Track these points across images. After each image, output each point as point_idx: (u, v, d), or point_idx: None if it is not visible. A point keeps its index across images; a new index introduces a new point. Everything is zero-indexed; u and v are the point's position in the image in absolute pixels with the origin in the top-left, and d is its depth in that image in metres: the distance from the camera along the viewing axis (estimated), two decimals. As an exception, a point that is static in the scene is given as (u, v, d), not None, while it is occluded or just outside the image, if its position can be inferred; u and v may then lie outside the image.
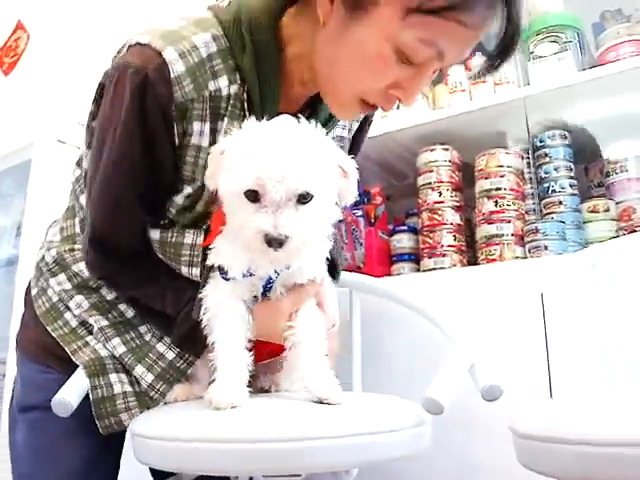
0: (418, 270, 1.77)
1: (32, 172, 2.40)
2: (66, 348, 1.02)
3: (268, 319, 0.92)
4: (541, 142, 1.71)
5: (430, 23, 0.78)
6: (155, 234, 0.94)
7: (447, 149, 1.78)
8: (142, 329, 1.03)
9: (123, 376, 1.01)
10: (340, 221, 1.81)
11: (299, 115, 0.84)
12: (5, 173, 2.48)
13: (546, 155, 1.69)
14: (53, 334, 1.04)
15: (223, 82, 0.89)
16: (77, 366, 1.01)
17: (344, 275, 1.27)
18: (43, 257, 1.10)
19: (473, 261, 1.72)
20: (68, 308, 1.05)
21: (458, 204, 1.74)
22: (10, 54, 2.56)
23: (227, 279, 0.88)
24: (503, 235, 1.61)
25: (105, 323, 1.02)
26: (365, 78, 0.85)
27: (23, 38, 2.54)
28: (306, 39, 0.89)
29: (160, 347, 1.01)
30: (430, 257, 1.71)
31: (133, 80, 0.84)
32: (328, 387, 0.87)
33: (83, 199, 1.02)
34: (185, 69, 0.84)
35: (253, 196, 0.78)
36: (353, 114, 0.96)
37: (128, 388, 1.00)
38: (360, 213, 1.82)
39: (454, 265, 1.68)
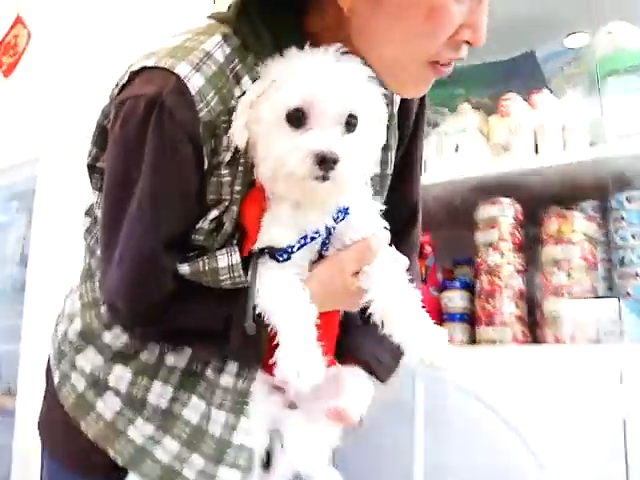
0: (473, 337, 1.63)
1: (38, 189, 2.22)
2: (109, 451, 0.85)
3: (330, 279, 0.80)
4: (618, 202, 1.55)
5: None
6: (184, 269, 0.80)
7: (510, 203, 1.61)
8: (208, 373, 0.86)
9: (196, 461, 0.84)
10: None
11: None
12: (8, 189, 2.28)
13: (622, 218, 1.53)
14: (87, 433, 0.87)
15: (247, 84, 0.77)
16: (121, 469, 0.84)
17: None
18: (65, 333, 0.93)
19: (533, 331, 1.58)
20: (103, 390, 0.88)
21: (521, 267, 1.59)
22: (9, 52, 2.30)
23: (283, 257, 0.76)
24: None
25: (170, 390, 0.85)
26: (431, 38, 0.76)
27: (23, 35, 2.28)
28: (336, 32, 0.79)
29: (223, 380, 0.85)
30: (489, 325, 1.57)
31: (149, 111, 0.73)
32: (433, 348, 0.72)
33: (99, 251, 0.87)
34: (205, 80, 0.74)
35: (297, 119, 0.71)
36: (429, 84, 0.84)
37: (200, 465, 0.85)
38: (411, 270, 1.65)
39: (515, 337, 1.54)
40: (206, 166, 0.77)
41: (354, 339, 0.92)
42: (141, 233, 0.78)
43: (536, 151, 1.60)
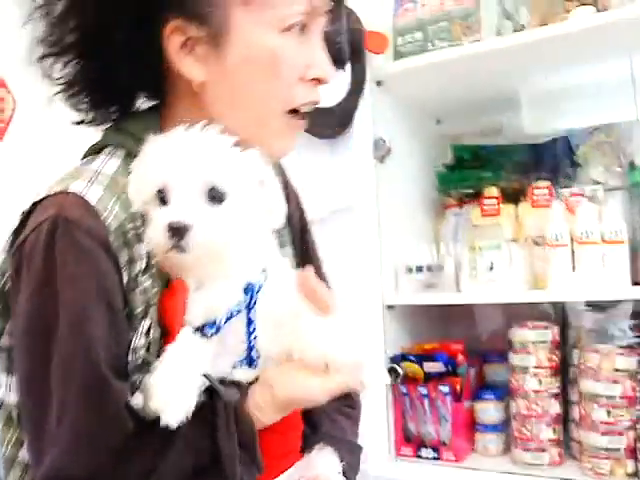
0: (507, 445, 1.66)
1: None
2: None
3: (289, 384, 0.74)
4: (657, 331, 1.53)
5: None
6: (137, 400, 0.72)
7: (547, 327, 1.58)
8: None
9: None
10: (423, 395, 1.66)
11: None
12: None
13: (662, 349, 1.52)
14: None
15: None
16: None
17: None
18: None
19: (567, 447, 1.61)
20: None
21: (558, 390, 1.59)
22: (-5, 116, 2.12)
23: (211, 330, 0.73)
24: (615, 449, 1.48)
25: None
26: (279, 85, 0.79)
27: (8, 100, 2.09)
28: (195, 113, 0.80)
29: None
30: (525, 450, 1.59)
31: (52, 231, 0.69)
32: (331, 351, 0.71)
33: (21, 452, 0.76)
34: (103, 190, 0.74)
35: (162, 200, 0.73)
36: (294, 136, 0.86)
37: None
38: (447, 390, 1.65)
39: (553, 459, 1.57)
40: (126, 279, 0.73)
41: (310, 443, 0.87)
42: (81, 364, 0.68)
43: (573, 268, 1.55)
